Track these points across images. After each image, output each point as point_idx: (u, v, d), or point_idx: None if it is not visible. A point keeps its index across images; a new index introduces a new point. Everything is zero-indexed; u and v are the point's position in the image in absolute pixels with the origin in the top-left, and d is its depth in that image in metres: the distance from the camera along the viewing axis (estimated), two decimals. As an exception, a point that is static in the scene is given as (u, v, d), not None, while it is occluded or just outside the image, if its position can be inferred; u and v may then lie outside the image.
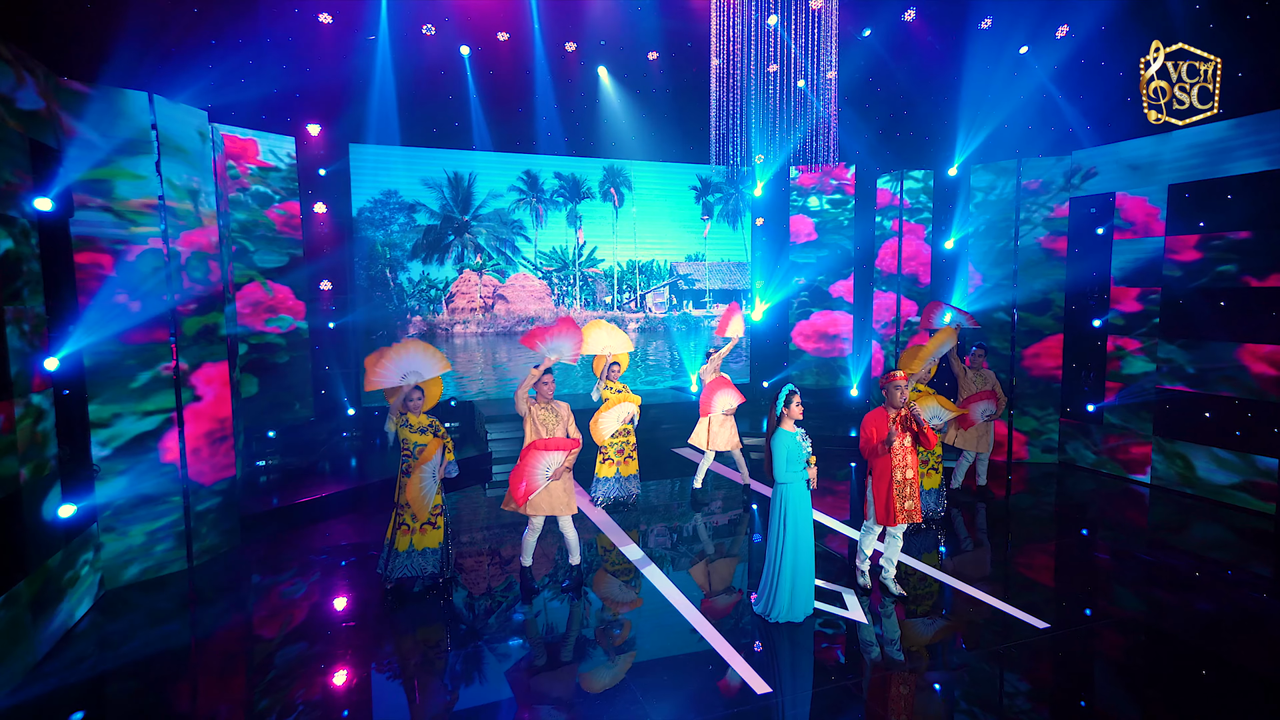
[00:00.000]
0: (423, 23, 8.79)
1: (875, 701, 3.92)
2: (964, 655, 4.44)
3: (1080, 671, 4.26)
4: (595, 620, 4.94)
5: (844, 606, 5.00)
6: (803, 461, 4.59)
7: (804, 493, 4.61)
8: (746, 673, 4.14)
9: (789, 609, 4.69)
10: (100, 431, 5.27)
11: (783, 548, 4.62)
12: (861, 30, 9.69)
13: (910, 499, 4.96)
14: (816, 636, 4.61)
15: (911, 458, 4.97)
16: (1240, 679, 4.14)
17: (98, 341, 5.17)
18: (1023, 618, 4.83)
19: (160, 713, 3.89)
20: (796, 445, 4.55)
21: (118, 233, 5.28)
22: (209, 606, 5.20)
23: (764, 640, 4.56)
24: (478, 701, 3.94)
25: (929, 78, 9.79)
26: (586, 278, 11.31)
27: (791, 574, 4.65)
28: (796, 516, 4.60)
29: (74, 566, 4.84)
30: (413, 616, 4.95)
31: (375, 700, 3.99)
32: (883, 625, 4.79)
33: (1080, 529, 6.69)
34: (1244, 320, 6.95)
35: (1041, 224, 8.73)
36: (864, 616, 4.85)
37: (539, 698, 3.96)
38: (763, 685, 4.01)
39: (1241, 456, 7.03)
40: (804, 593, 4.71)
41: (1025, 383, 8.92)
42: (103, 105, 5.18)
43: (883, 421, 4.93)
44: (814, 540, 4.76)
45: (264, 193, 8.77)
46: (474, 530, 6.78)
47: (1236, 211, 6.98)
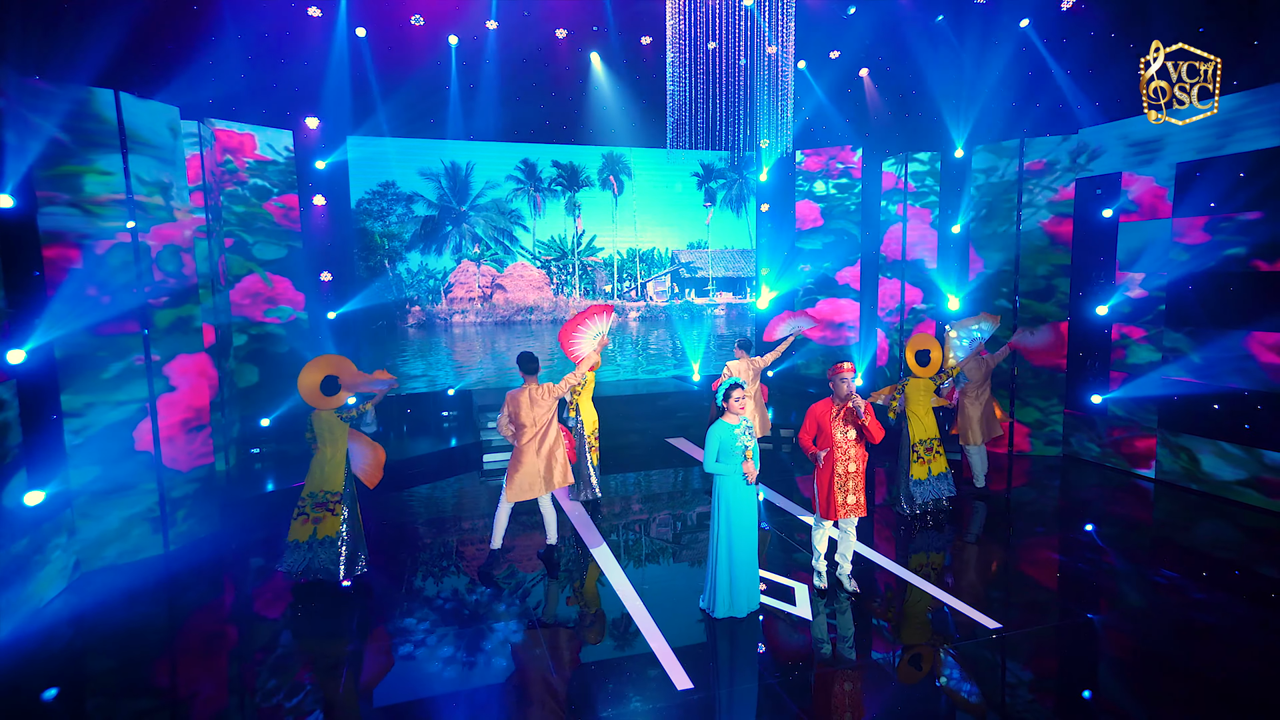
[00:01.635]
0: (411, 13, 8.80)
1: (795, 699, 3.82)
2: (899, 655, 4.30)
3: (1017, 676, 4.08)
4: (541, 613, 4.93)
5: (793, 603, 4.89)
6: (738, 454, 4.48)
7: (740, 486, 4.51)
8: (673, 668, 4.08)
9: (729, 604, 4.61)
10: (73, 420, 5.46)
11: (718, 542, 4.54)
12: (846, 9, 9.38)
13: (853, 493, 4.82)
14: (754, 633, 4.52)
15: (856, 450, 4.82)
16: (1193, 685, 3.91)
17: (67, 334, 5.34)
18: (976, 617, 4.65)
19: (128, 688, 4.04)
20: (731, 438, 4.45)
21: (86, 228, 5.44)
22: (180, 589, 5.36)
23: (701, 636, 4.49)
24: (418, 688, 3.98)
25: (934, 56, 9.40)
26: (586, 267, 11.27)
27: (728, 568, 4.56)
28: (730, 510, 4.50)
29: (43, 550, 5.04)
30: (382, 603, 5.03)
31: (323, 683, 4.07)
32: (825, 623, 4.66)
33: (1069, 527, 6.42)
34: (1253, 307, 6.53)
35: (1045, 206, 8.34)
36: (809, 614, 4.73)
37: (463, 686, 3.97)
38: (685, 682, 3.95)
39: (1249, 451, 6.63)
40: (745, 588, 4.61)
41: (1027, 372, 8.58)
42: (69, 104, 5.33)
43: (826, 413, 4.79)
44: (757, 534, 4.65)
45: (262, 186, 8.95)
46: (475, 518, 6.84)
47: (1246, 191, 6.55)
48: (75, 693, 4.09)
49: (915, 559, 5.66)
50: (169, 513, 5.99)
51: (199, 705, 3.92)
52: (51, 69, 5.43)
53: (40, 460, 5.06)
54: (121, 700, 3.96)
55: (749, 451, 4.48)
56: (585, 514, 6.82)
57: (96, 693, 4.10)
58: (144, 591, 5.27)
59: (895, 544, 5.96)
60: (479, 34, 9.31)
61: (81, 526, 5.53)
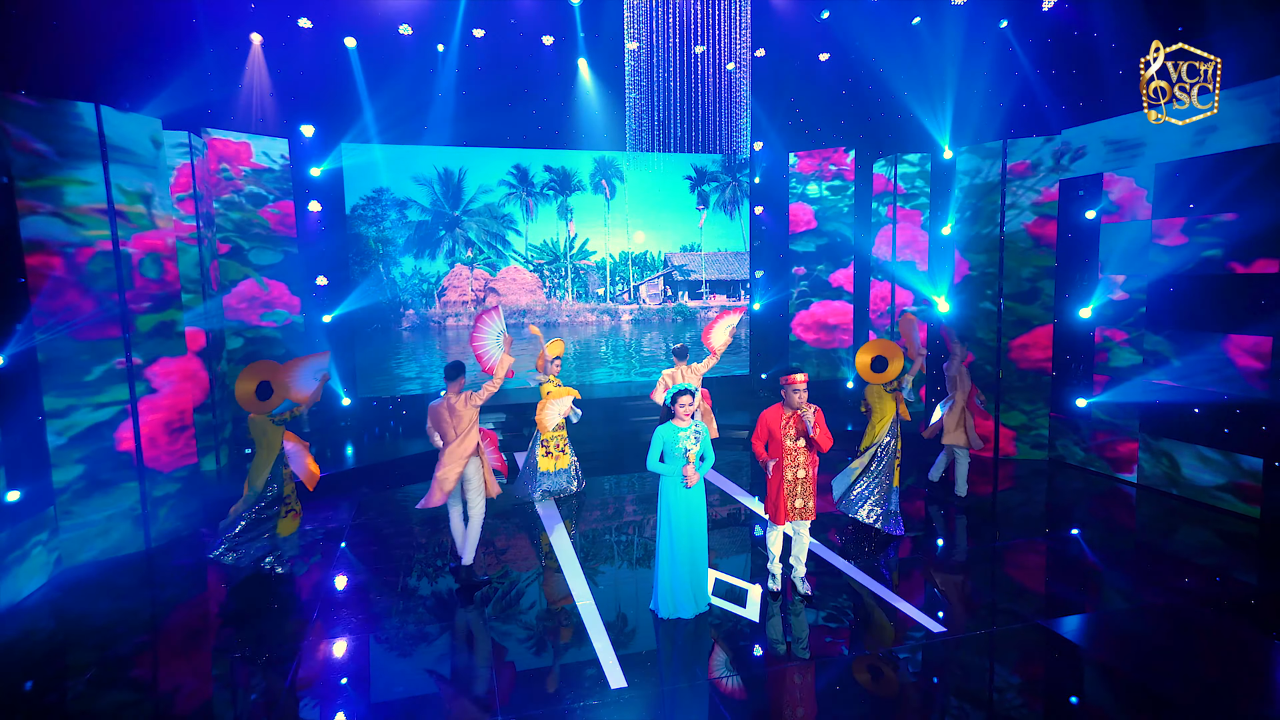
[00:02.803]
0: (399, 23, 8.98)
1: (724, 698, 3.87)
2: (839, 657, 4.32)
3: (956, 679, 4.09)
4: (490, 610, 5.03)
5: (743, 605, 4.93)
6: (679, 457, 4.55)
7: (681, 488, 4.56)
8: (610, 668, 4.16)
9: (673, 605, 4.67)
10: (55, 421, 5.68)
11: (660, 543, 4.61)
12: (820, 12, 9.39)
13: (801, 498, 4.85)
14: (698, 634, 4.57)
15: (805, 457, 4.84)
16: (1134, 696, 3.90)
17: (49, 338, 5.57)
18: (923, 621, 4.66)
19: (104, 678, 4.23)
20: (674, 439, 4.52)
21: (68, 236, 5.66)
22: (159, 584, 5.55)
23: (644, 636, 4.55)
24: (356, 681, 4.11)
25: (921, 56, 9.37)
26: (578, 270, 11.38)
27: (669, 569, 4.63)
28: (671, 512, 4.57)
29: (22, 546, 5.25)
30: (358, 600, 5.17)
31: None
32: (771, 624, 4.70)
33: (1037, 531, 6.37)
34: (1229, 310, 6.43)
35: (1029, 208, 8.27)
36: (756, 616, 4.77)
37: (397, 680, 4.08)
38: (620, 681, 4.02)
39: (1227, 456, 6.53)
40: (690, 589, 4.67)
41: (1013, 375, 8.51)
42: (51, 118, 5.56)
43: (777, 420, 4.84)
44: (704, 537, 4.71)
45: (258, 193, 9.19)
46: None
47: (1223, 192, 6.45)
48: (54, 683, 4.26)
49: (873, 563, 5.66)
50: (151, 511, 6.19)
51: (169, 692, 4.08)
52: (35, 84, 5.66)
53: (18, 459, 5.27)
54: (102, 690, 4.13)
55: (691, 455, 4.53)
56: (555, 511, 6.92)
57: (76, 683, 4.27)
58: (125, 587, 5.47)
59: (855, 548, 5.96)
60: (468, 42, 9.47)
61: (64, 523, 5.75)
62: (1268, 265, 6.13)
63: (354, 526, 6.70)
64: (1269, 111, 6.02)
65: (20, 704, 3.99)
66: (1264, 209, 6.13)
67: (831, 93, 11.00)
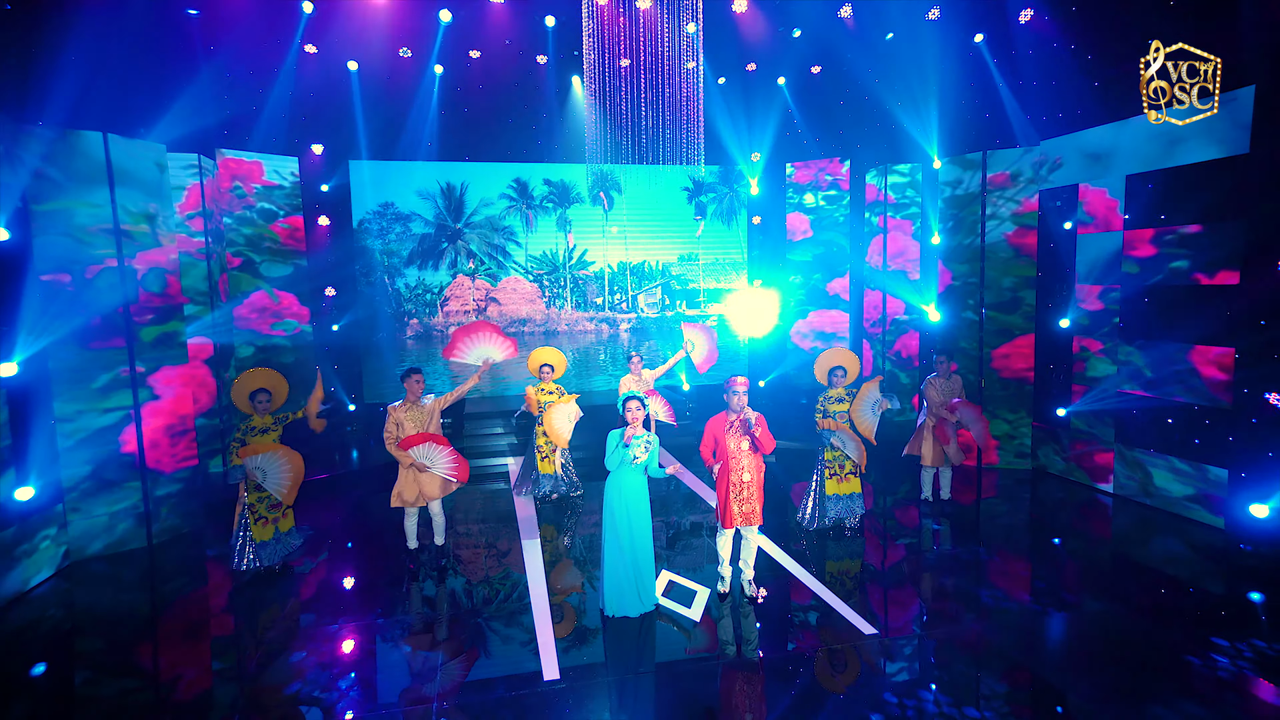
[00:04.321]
0: (399, 47, 9.41)
1: (651, 694, 4.10)
2: (770, 656, 4.51)
3: (878, 678, 4.25)
4: (445, 604, 5.33)
5: (689, 606, 5.14)
6: (622, 457, 4.80)
7: (621, 489, 4.82)
8: (548, 660, 4.42)
9: (618, 603, 4.91)
10: (65, 425, 6.16)
11: (605, 543, 4.86)
12: (791, 31, 9.59)
13: (748, 502, 5.05)
14: (638, 632, 4.80)
15: (751, 461, 5.05)
16: (1050, 699, 4.03)
17: (59, 349, 6.06)
18: (858, 623, 4.83)
19: (106, 663, 4.65)
20: (616, 442, 4.77)
21: (77, 254, 6.14)
22: (159, 578, 5.99)
23: (589, 632, 4.81)
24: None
25: (903, 71, 9.48)
26: (577, 280, 11.69)
27: (613, 567, 4.88)
28: (614, 513, 4.82)
29: (31, 539, 5.73)
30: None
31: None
32: (714, 626, 4.91)
33: (996, 540, 6.45)
34: (1195, 320, 6.45)
35: (1010, 218, 8.33)
36: (698, 616, 4.98)
37: (335, 665, 4.40)
38: (554, 673, 4.28)
39: (1195, 466, 6.54)
40: (634, 587, 4.91)
41: (995, 384, 8.55)
42: (63, 146, 6.05)
43: (721, 425, 5.05)
44: (648, 539, 4.94)
45: (269, 209, 9.70)
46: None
47: (1189, 203, 6.48)
48: (62, 667, 4.68)
49: (824, 568, 5.83)
50: (153, 509, 6.65)
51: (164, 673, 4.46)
52: (47, 114, 6.16)
53: (29, 460, 5.75)
54: (105, 676, 4.54)
55: (637, 460, 4.79)
56: (533, 510, 7.22)
57: (81, 668, 4.70)
58: (129, 580, 5.92)
59: (808, 554, 6.12)
60: (465, 63, 9.86)
61: (72, 520, 6.23)
62: (1230, 277, 6.14)
63: (348, 525, 7.09)
64: (1231, 125, 6.04)
65: (28, 686, 4.40)
66: (1227, 221, 6.14)
67: (828, 104, 11.15)
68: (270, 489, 5.53)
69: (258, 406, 5.70)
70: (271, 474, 5.51)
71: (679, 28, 8.76)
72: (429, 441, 5.61)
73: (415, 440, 5.63)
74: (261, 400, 5.70)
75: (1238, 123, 5.99)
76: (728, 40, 9.74)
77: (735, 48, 10.01)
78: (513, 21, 9.29)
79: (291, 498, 5.66)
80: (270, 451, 5.51)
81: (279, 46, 9.10)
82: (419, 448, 5.59)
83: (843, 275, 11.37)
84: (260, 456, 5.46)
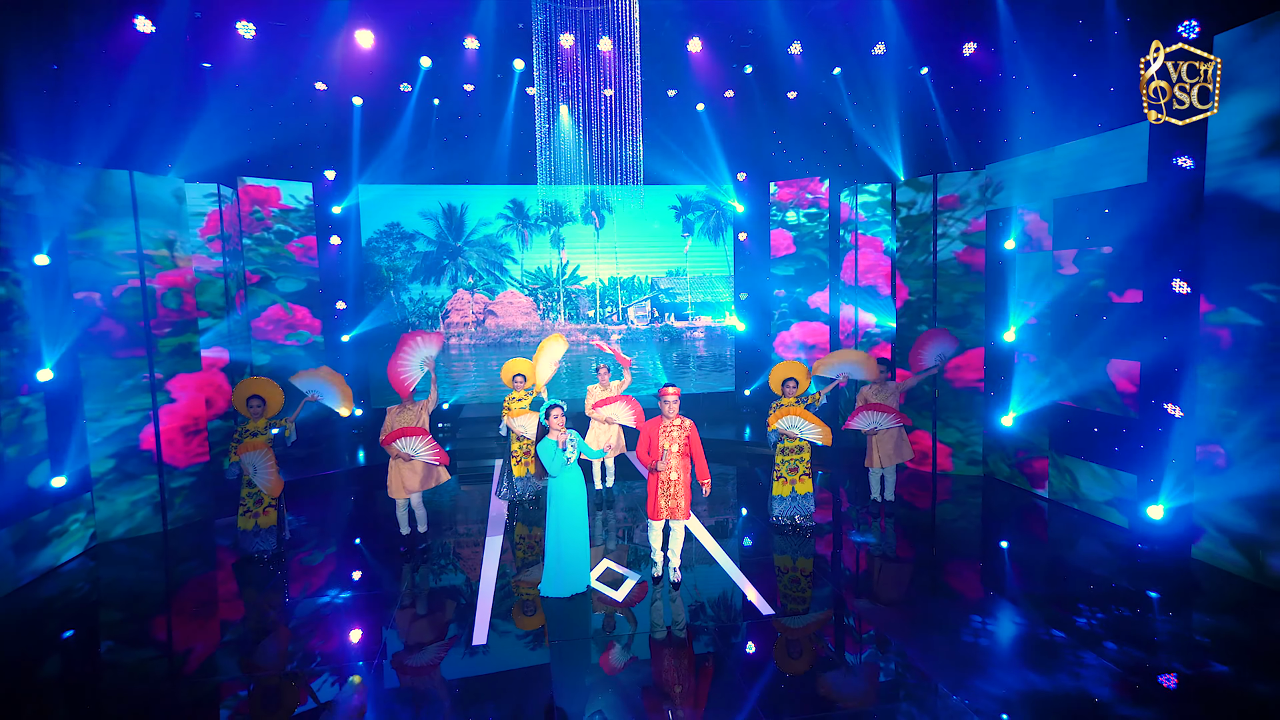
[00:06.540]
0: (399, 83, 10.31)
1: (563, 660, 4.78)
2: (671, 632, 5.14)
3: (771, 653, 4.85)
4: (404, 585, 6.08)
5: (617, 589, 5.80)
6: (562, 461, 5.50)
7: (563, 486, 5.52)
8: (481, 628, 5.14)
9: (555, 585, 5.61)
10: (93, 424, 7.10)
11: (547, 531, 5.57)
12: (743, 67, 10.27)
13: (673, 498, 5.70)
14: (566, 609, 5.47)
15: (679, 462, 5.69)
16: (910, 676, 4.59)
17: (89, 357, 7.01)
18: (760, 606, 5.43)
19: (126, 634, 5.49)
20: (553, 450, 5.47)
21: (105, 276, 7.10)
22: (173, 560, 6.87)
23: (522, 607, 5.51)
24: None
25: (861, 98, 10.05)
26: (570, 293, 12.45)
27: (555, 553, 5.57)
28: (556, 506, 5.54)
29: (62, 522, 6.66)
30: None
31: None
32: (631, 605, 5.55)
33: (915, 538, 6.97)
34: (1109, 335, 6.90)
35: (959, 238, 8.83)
36: (621, 598, 5.64)
37: (328, 625, 5.17)
38: (482, 639, 5.00)
39: (1112, 473, 6.97)
40: (570, 571, 5.59)
41: (948, 394, 9.03)
42: (94, 184, 7.02)
43: (656, 429, 5.70)
44: (584, 528, 5.64)
45: (285, 230, 10.68)
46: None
47: (1103, 227, 6.95)
48: (89, 635, 5.55)
49: (748, 559, 6.43)
50: (168, 499, 7.56)
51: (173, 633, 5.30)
52: (84, 156, 7.14)
53: (62, 453, 6.69)
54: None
55: (571, 458, 5.50)
56: (505, 510, 7.96)
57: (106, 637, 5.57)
58: (147, 560, 6.82)
59: (746, 547, 6.72)
60: (460, 95, 10.72)
61: (99, 507, 7.16)
62: (1135, 295, 6.59)
63: (345, 517, 7.92)
64: (1135, 156, 6.50)
65: (60, 647, 5.24)
66: (1133, 243, 6.61)
67: (810, 125, 11.73)
68: (259, 485, 6.35)
69: (251, 411, 6.52)
70: (261, 471, 6.32)
71: (653, 62, 9.50)
72: (407, 435, 6.36)
73: (395, 435, 6.38)
74: (254, 405, 6.52)
75: (1138, 155, 6.45)
76: (699, 70, 10.42)
77: (718, 76, 10.69)
78: (481, 66, 10.10)
79: (276, 491, 6.45)
80: (262, 450, 6.33)
81: (291, 86, 10.06)
82: (399, 441, 6.35)
83: (823, 289, 11.91)
84: (253, 454, 6.28)
